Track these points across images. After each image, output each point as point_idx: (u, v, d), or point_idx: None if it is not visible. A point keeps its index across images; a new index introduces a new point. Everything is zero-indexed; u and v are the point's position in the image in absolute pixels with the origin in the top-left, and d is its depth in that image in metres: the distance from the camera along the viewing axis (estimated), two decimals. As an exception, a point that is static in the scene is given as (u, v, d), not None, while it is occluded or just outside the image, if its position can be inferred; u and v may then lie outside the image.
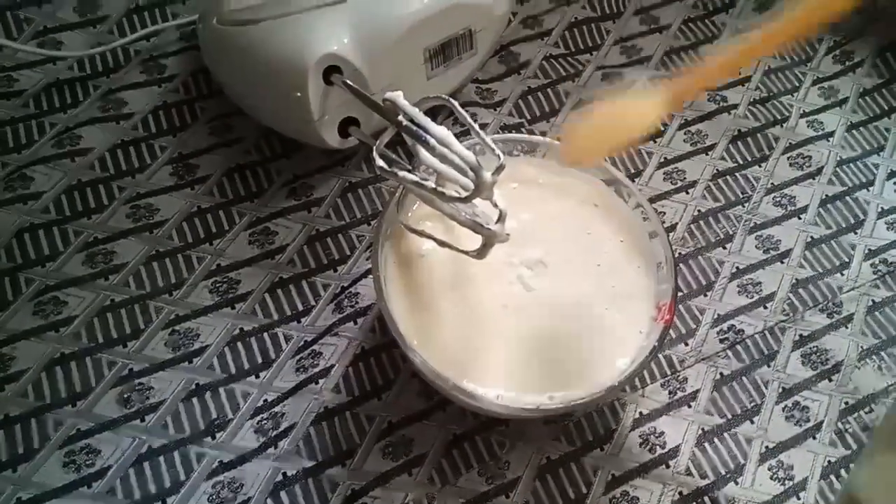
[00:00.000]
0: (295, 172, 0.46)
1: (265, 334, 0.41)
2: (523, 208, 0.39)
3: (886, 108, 0.52)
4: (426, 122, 0.33)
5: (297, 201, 0.45)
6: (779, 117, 0.51)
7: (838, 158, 0.50)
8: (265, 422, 0.38)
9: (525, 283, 0.37)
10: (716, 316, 0.43)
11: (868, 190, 0.49)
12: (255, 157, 0.46)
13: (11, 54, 0.47)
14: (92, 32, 0.49)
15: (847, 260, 0.46)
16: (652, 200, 0.47)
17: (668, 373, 0.41)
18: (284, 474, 0.37)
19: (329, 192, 0.45)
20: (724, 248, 0.46)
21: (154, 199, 0.44)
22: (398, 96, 0.34)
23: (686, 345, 0.42)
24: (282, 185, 0.45)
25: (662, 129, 0.50)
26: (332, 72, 0.39)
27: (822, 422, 0.41)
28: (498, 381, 0.35)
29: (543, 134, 0.48)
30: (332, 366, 0.40)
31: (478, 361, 0.36)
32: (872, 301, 0.45)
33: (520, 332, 0.36)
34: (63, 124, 0.45)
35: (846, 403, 0.41)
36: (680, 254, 0.45)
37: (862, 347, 0.43)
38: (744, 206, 0.47)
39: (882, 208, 0.48)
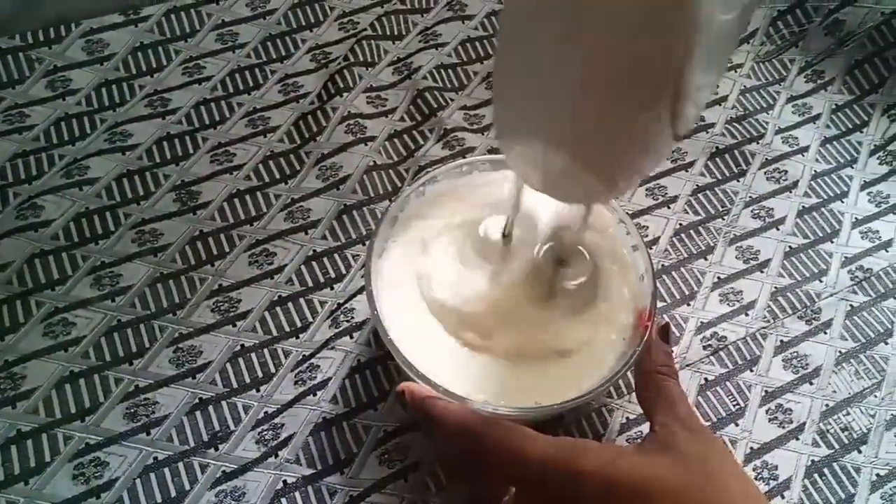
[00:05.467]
0: (292, 197, 0.48)
1: (265, 350, 0.42)
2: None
3: (858, 122, 0.55)
4: None
5: (294, 224, 0.47)
6: (755, 134, 0.53)
7: (813, 172, 0.52)
8: (266, 432, 0.40)
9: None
10: (699, 324, 0.45)
11: (842, 201, 0.51)
12: (254, 182, 0.48)
13: (24, 91, 0.50)
14: (99, 69, 0.51)
15: (825, 268, 0.48)
16: (635, 215, 0.49)
17: (654, 379, 0.43)
18: (285, 482, 0.38)
19: (325, 214, 0.47)
20: (706, 258, 0.48)
21: (158, 225, 0.46)
22: None
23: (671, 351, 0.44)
24: (280, 209, 0.47)
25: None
26: None
27: (804, 423, 0.42)
28: (486, 389, 0.37)
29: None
30: (330, 378, 0.41)
31: (467, 369, 0.37)
32: (850, 306, 0.46)
33: (506, 341, 0.38)
34: (71, 156, 0.48)
35: (827, 405, 0.43)
36: (663, 265, 0.47)
37: (840, 352, 0.44)
38: (723, 219, 0.49)
39: (856, 218, 0.50)
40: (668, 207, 0.50)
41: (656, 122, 0.27)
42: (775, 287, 0.47)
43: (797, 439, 0.42)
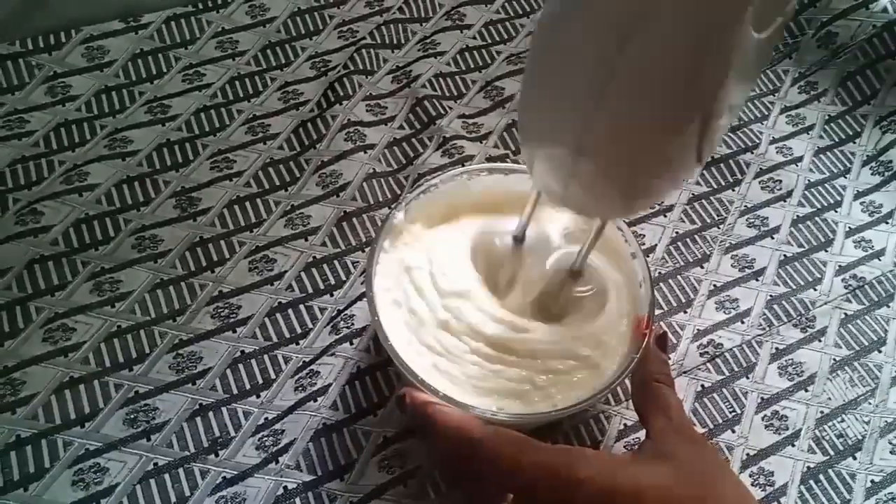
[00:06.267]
0: (292, 203, 0.48)
1: (265, 356, 0.42)
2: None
3: (851, 133, 0.55)
4: None
5: (294, 230, 0.47)
6: (750, 144, 0.54)
7: (807, 181, 0.53)
8: (266, 438, 0.40)
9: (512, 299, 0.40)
10: (695, 331, 0.46)
11: (836, 211, 0.52)
12: (253, 189, 0.48)
13: (24, 97, 0.50)
14: (99, 76, 0.51)
15: (819, 276, 0.48)
16: (632, 224, 0.49)
17: (651, 386, 0.43)
18: (285, 488, 0.38)
19: (325, 221, 0.47)
20: (702, 267, 0.48)
21: (158, 231, 0.46)
22: None
23: (668, 359, 0.44)
24: (280, 216, 0.47)
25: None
26: None
27: (800, 430, 0.43)
28: (485, 395, 0.37)
29: (527, 163, 0.51)
30: (330, 384, 0.41)
31: (467, 375, 0.37)
32: (845, 314, 0.47)
33: (507, 346, 0.38)
34: (71, 162, 0.48)
35: (822, 412, 0.43)
36: (660, 273, 0.48)
37: (834, 359, 0.45)
38: (719, 228, 0.50)
39: (850, 227, 0.51)
40: (665, 216, 0.50)
41: (685, 143, 0.27)
42: (770, 295, 0.47)
43: (793, 446, 0.42)
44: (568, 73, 0.27)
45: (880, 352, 0.46)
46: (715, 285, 0.47)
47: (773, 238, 0.50)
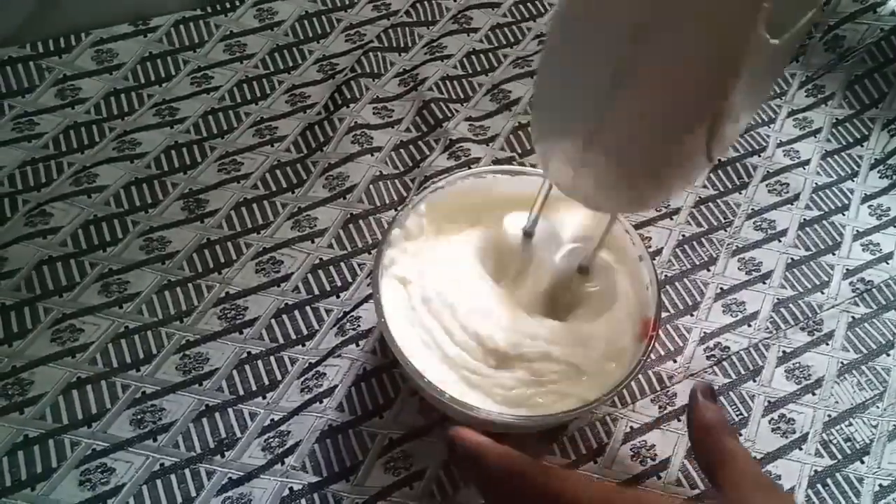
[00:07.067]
0: (299, 206, 0.48)
1: (271, 357, 0.43)
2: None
3: (858, 136, 0.55)
4: None
5: (301, 232, 0.47)
6: (757, 147, 0.54)
7: (814, 185, 0.53)
8: (272, 440, 0.40)
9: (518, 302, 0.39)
10: (702, 334, 0.45)
11: (844, 214, 0.51)
12: (261, 191, 0.48)
13: (34, 100, 0.50)
14: (108, 79, 0.52)
15: (826, 280, 0.48)
16: (639, 226, 0.49)
17: (658, 388, 0.43)
18: (291, 489, 0.38)
19: (331, 223, 0.47)
20: (709, 270, 0.48)
21: (166, 232, 0.46)
22: None
23: (674, 362, 0.44)
24: (287, 218, 0.48)
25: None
26: None
27: (807, 433, 0.42)
28: (492, 397, 0.37)
29: (534, 166, 0.51)
30: (336, 386, 0.41)
31: (474, 377, 0.37)
32: (852, 317, 0.47)
33: (513, 349, 0.38)
34: (80, 164, 0.48)
35: (829, 416, 0.43)
36: (666, 276, 0.47)
37: (842, 363, 0.45)
38: (726, 231, 0.50)
39: (857, 231, 0.51)
40: (671, 219, 0.50)
41: (694, 141, 0.27)
42: (777, 298, 0.47)
43: (800, 449, 0.42)
44: (580, 67, 0.28)
45: (888, 355, 0.45)
46: (722, 288, 0.47)
47: (780, 241, 0.50)
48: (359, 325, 0.43)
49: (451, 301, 0.38)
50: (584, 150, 0.30)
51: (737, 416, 0.43)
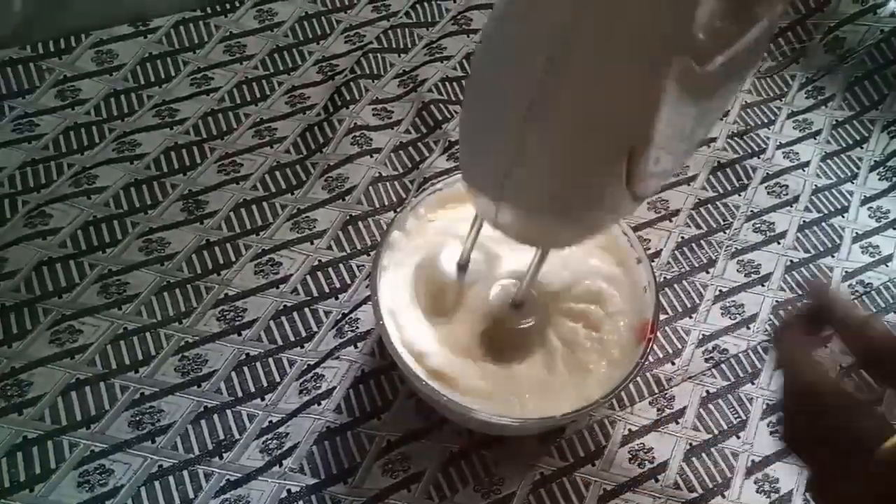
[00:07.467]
0: (298, 207, 0.48)
1: (270, 359, 0.43)
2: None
3: (858, 138, 0.55)
4: None
5: (300, 234, 0.47)
6: (756, 149, 0.54)
7: (814, 187, 0.53)
8: (270, 441, 0.40)
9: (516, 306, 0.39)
10: (701, 336, 0.45)
11: (843, 216, 0.51)
12: (260, 192, 0.48)
13: (34, 101, 0.50)
14: (108, 80, 0.52)
15: (825, 282, 0.48)
16: (637, 228, 0.49)
17: (656, 391, 0.43)
18: (289, 491, 0.38)
19: (330, 224, 0.48)
20: (708, 272, 0.48)
21: (165, 234, 0.46)
22: None
23: (673, 364, 0.44)
24: (286, 219, 0.48)
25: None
26: None
27: (805, 436, 0.42)
28: (490, 398, 0.37)
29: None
30: (334, 388, 0.41)
31: (472, 379, 0.37)
32: (851, 321, 0.46)
33: (511, 353, 0.38)
34: (80, 165, 0.48)
35: (828, 418, 0.43)
36: (665, 278, 0.47)
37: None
38: (725, 233, 0.50)
39: (857, 233, 0.51)
40: (670, 221, 0.50)
41: (612, 178, 0.26)
42: (776, 301, 0.47)
43: (798, 452, 0.42)
44: (498, 100, 0.27)
45: (887, 358, 0.45)
46: (721, 290, 0.47)
47: (779, 243, 0.50)
48: (357, 327, 0.43)
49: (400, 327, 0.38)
50: (503, 185, 0.28)
51: (735, 418, 0.43)
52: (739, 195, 0.52)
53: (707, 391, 0.43)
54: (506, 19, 0.25)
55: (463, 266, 0.39)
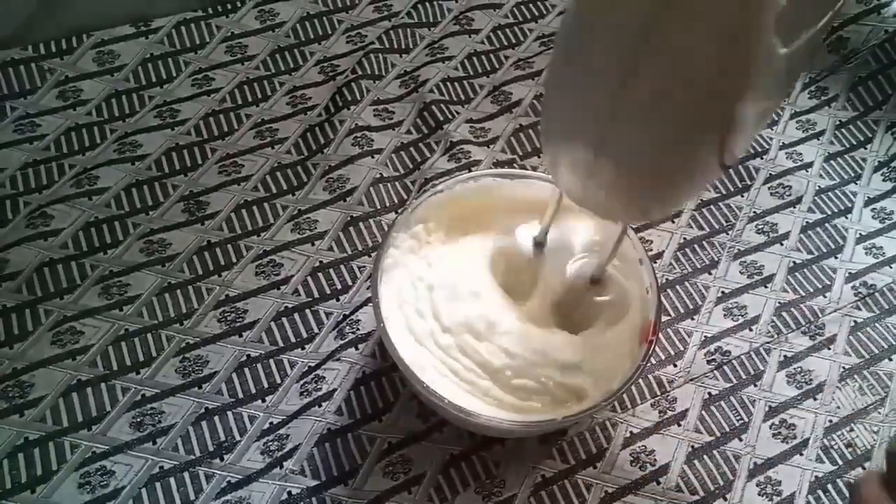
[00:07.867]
0: (299, 208, 0.48)
1: (271, 360, 0.43)
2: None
3: (862, 139, 0.55)
4: None
5: (301, 235, 0.47)
6: (759, 150, 0.54)
7: (817, 187, 0.52)
8: (271, 443, 0.40)
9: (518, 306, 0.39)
10: (703, 338, 0.45)
11: (847, 217, 0.51)
12: (261, 193, 0.48)
13: (35, 102, 0.50)
14: (109, 80, 0.52)
15: (829, 283, 0.48)
16: (639, 229, 0.49)
17: (658, 393, 0.43)
18: (290, 493, 0.38)
19: (331, 225, 0.47)
20: (710, 273, 0.48)
21: (166, 235, 0.46)
22: None
23: (675, 366, 0.44)
24: (287, 220, 0.48)
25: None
26: None
27: (808, 438, 0.42)
28: (491, 401, 0.37)
29: (535, 168, 0.51)
30: (335, 389, 0.41)
31: (472, 381, 0.37)
32: (854, 322, 0.46)
33: (512, 352, 0.38)
34: (81, 166, 0.48)
35: (830, 421, 0.43)
36: (667, 279, 0.47)
37: (844, 368, 0.45)
38: (728, 234, 0.50)
39: (860, 234, 0.50)
40: (673, 222, 0.50)
41: (705, 148, 0.27)
42: (779, 302, 0.47)
43: (801, 455, 0.42)
44: (588, 69, 0.27)
45: (891, 360, 0.45)
46: (723, 292, 0.47)
47: (782, 244, 0.49)
48: (358, 329, 0.43)
49: (465, 315, 0.38)
50: (593, 157, 0.29)
51: (737, 420, 0.42)
52: (742, 196, 0.51)
53: (709, 393, 0.43)
54: None
55: (540, 243, 0.39)
